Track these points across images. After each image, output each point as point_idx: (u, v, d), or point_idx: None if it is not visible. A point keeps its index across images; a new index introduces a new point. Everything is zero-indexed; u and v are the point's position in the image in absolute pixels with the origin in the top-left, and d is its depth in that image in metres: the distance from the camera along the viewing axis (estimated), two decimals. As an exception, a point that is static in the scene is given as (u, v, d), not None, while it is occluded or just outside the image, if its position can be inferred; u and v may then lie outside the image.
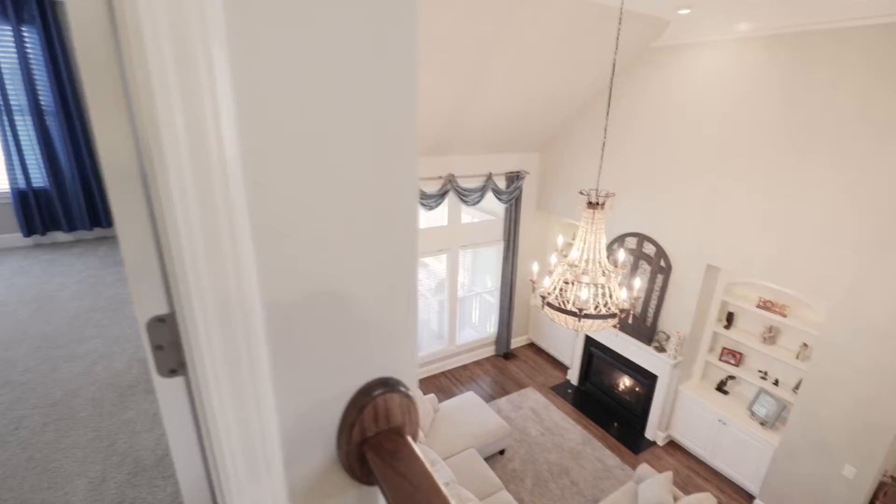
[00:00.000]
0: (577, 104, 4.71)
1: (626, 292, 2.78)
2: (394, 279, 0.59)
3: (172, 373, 0.55)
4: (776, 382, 3.86)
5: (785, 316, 3.67)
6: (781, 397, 3.78)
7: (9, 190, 4.32)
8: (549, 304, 2.80)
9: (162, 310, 0.54)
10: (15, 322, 3.05)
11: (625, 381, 4.93)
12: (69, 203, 4.47)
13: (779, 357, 3.73)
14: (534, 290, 2.96)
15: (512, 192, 5.27)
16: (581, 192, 2.72)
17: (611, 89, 2.83)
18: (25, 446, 2.02)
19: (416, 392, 0.66)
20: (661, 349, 4.34)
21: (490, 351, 6.12)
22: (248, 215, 0.45)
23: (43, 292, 3.50)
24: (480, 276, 6.27)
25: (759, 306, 3.82)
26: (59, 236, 4.65)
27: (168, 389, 0.56)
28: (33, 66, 4.08)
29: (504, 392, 5.41)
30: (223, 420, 0.49)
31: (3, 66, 4.00)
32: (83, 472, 1.91)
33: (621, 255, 2.98)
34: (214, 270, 0.44)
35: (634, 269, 4.46)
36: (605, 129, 3.07)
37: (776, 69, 3.28)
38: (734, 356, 4.14)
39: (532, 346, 6.38)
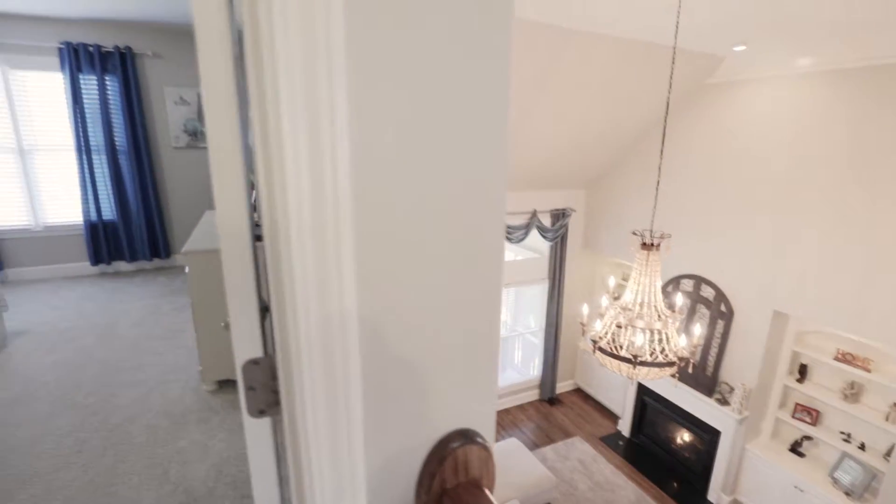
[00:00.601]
0: (626, 141, 4.62)
1: (685, 339, 2.59)
2: (478, 326, 0.59)
3: (261, 413, 0.58)
4: (862, 446, 3.43)
5: (869, 371, 3.30)
6: (870, 464, 3.34)
7: (82, 222, 4.62)
8: (601, 350, 2.65)
9: (257, 353, 0.58)
10: (82, 347, 3.19)
11: (683, 436, 4.55)
12: (133, 235, 4.74)
13: (864, 417, 3.33)
14: (584, 333, 2.82)
15: (557, 229, 5.18)
16: (634, 233, 2.60)
17: (664, 127, 2.75)
18: (87, 469, 2.07)
19: (493, 443, 0.62)
20: (723, 402, 3.99)
21: (534, 395, 5.85)
22: (355, 265, 0.49)
23: (107, 319, 3.67)
24: (524, 315, 6.10)
25: (837, 359, 3.46)
26: (122, 266, 4.91)
27: (256, 428, 0.59)
28: (112, 111, 4.44)
29: (549, 440, 5.11)
30: (316, 461, 0.51)
31: (86, 109, 4.37)
32: (139, 500, 1.92)
33: (678, 298, 2.80)
34: (323, 317, 0.47)
35: (692, 313, 4.20)
36: (660, 169, 2.96)
37: (842, 104, 3.10)
38: (810, 414, 3.74)
39: (579, 392, 6.06)
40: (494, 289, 0.58)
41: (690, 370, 4.13)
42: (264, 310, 0.59)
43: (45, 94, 4.34)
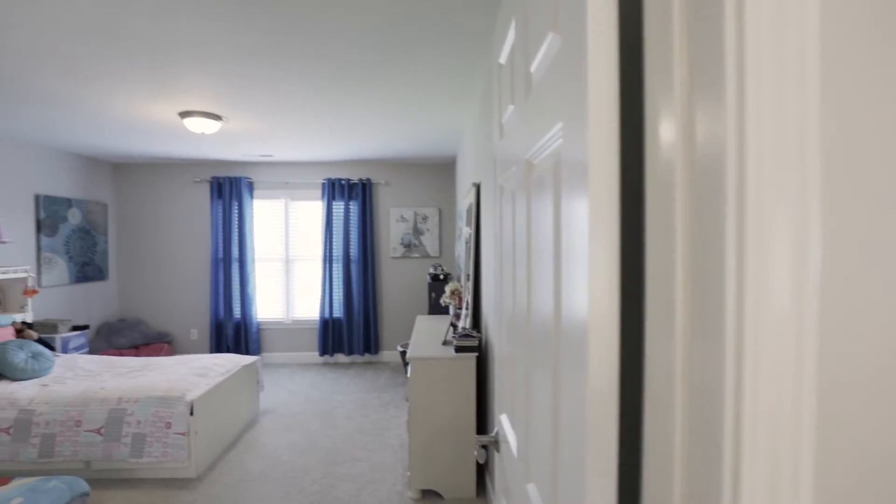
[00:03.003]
0: None
1: None
2: None
3: None
4: None
5: None
6: None
7: (318, 318, 5.53)
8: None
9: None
10: (309, 432, 3.62)
11: None
12: (353, 331, 5.43)
13: None
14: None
15: None
16: None
17: None
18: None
19: None
20: None
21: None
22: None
23: (327, 407, 4.15)
24: None
25: None
26: (341, 358, 5.62)
27: None
28: (350, 228, 5.40)
29: None
30: None
31: (334, 228, 5.42)
32: None
33: None
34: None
35: None
36: None
37: None
38: None
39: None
40: None
41: None
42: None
43: (308, 217, 5.63)
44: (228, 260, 5.45)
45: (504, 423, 1.12)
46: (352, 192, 5.47)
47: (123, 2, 1.83)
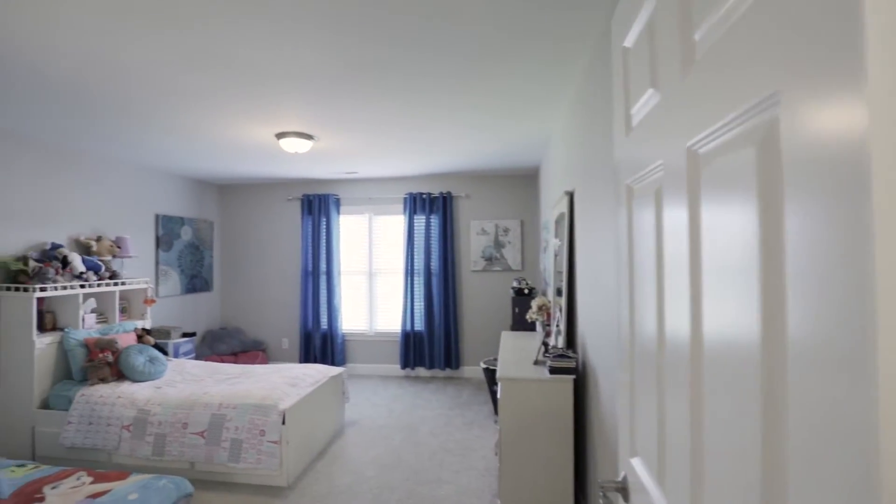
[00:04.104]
0: None
1: None
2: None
3: None
4: None
5: None
6: None
7: (400, 331, 5.56)
8: None
9: None
10: (393, 447, 3.58)
11: None
12: (434, 345, 5.38)
13: None
14: None
15: None
16: None
17: None
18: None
19: None
20: None
21: None
22: None
23: (409, 422, 4.10)
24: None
25: None
26: (422, 371, 5.59)
27: None
28: (431, 242, 5.39)
29: None
30: None
31: (415, 242, 5.44)
32: None
33: None
34: None
35: None
36: None
37: None
38: None
39: None
40: None
41: None
42: None
43: (390, 231, 5.73)
44: (317, 273, 5.69)
45: (638, 470, 0.94)
46: (433, 206, 5.48)
47: (235, 32, 1.93)
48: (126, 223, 4.58)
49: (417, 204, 5.49)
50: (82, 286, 3.65)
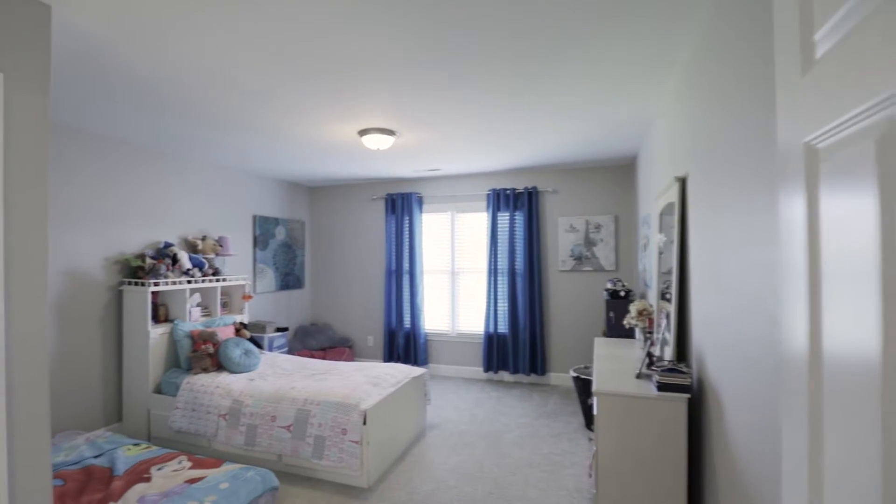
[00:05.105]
0: None
1: None
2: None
3: None
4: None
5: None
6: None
7: (483, 332, 5.36)
8: None
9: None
10: (475, 455, 3.39)
11: None
12: (518, 349, 5.11)
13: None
14: None
15: None
16: None
17: None
18: None
19: None
20: None
21: None
22: None
23: (492, 429, 3.89)
24: None
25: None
26: (505, 376, 5.34)
27: None
28: (516, 240, 5.12)
29: None
30: None
31: (499, 240, 5.21)
32: None
33: None
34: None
35: None
36: None
37: None
38: None
39: None
40: None
41: None
42: None
43: (473, 229, 5.55)
44: (400, 272, 5.69)
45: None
46: (517, 202, 5.22)
47: (314, 21, 1.87)
48: (227, 224, 4.91)
49: (501, 200, 5.26)
50: (189, 281, 3.94)
